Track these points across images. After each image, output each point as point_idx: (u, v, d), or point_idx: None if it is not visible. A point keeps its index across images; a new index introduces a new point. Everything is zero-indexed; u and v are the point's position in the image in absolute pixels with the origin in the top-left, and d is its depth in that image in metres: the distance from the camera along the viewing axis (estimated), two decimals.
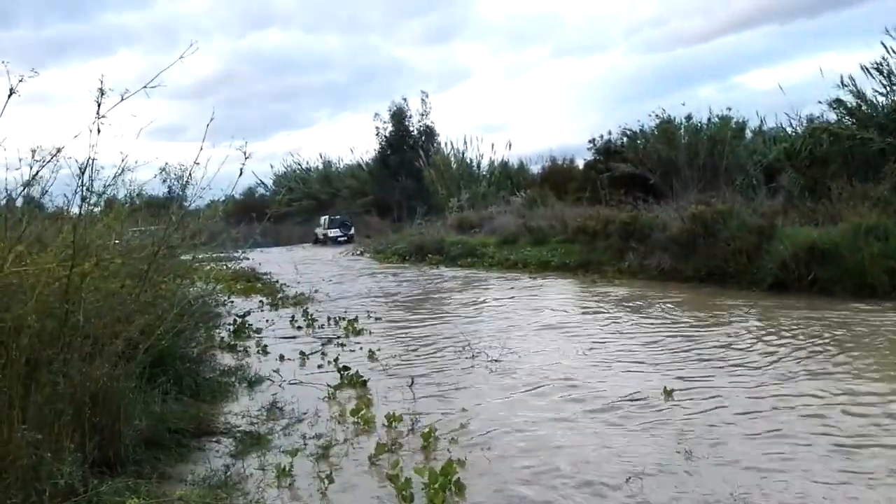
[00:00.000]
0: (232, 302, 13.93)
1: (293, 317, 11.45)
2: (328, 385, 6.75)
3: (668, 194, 21.83)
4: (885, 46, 14.57)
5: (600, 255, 15.46)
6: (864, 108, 15.96)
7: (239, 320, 10.90)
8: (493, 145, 39.10)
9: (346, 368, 7.21)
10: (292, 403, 6.29)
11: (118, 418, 4.56)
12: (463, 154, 36.90)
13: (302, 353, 8.47)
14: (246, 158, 5.18)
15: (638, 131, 27.35)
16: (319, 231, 38.74)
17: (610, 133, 28.03)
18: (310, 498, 4.25)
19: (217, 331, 10.25)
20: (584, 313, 10.77)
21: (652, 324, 9.37)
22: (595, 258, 15.52)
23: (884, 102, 15.54)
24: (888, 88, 15.36)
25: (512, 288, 14.37)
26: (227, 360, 8.47)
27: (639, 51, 74.81)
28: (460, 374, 7.17)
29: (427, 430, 5.05)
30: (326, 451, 4.92)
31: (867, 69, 15.47)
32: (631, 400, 5.89)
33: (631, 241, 14.69)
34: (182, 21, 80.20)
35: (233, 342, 9.46)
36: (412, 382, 6.75)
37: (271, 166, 51.90)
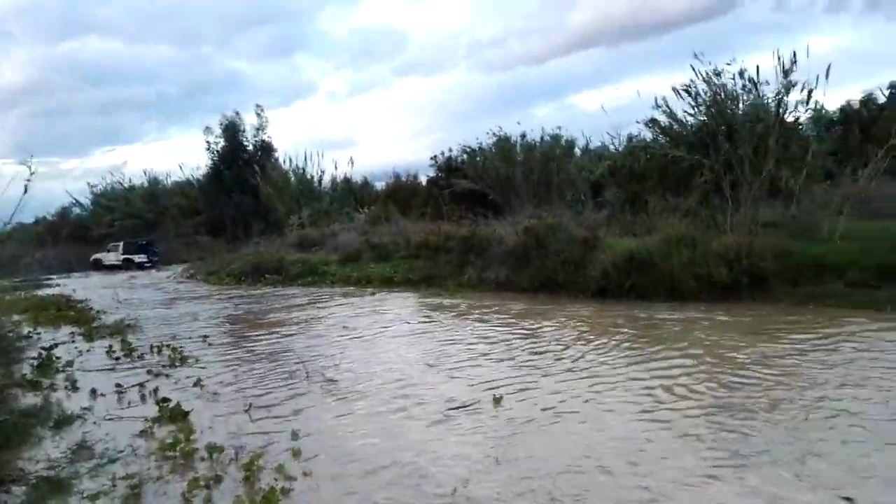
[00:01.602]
0: (38, 333, 12.64)
1: (110, 347, 10.45)
2: (145, 419, 6.17)
3: (506, 209, 22.74)
4: (693, 70, 15.98)
5: (442, 269, 15.68)
6: (675, 127, 17.38)
7: (44, 354, 9.77)
8: (335, 161, 38.72)
9: (165, 400, 6.64)
10: (104, 442, 5.68)
11: None
12: (303, 170, 36.10)
13: (118, 385, 7.70)
14: (31, 174, 4.61)
15: (477, 149, 28.32)
16: (113, 256, 36.20)
17: (451, 150, 28.84)
18: None
19: (17, 366, 9.16)
20: (423, 327, 10.79)
21: (486, 335, 9.56)
22: (437, 273, 15.71)
23: (692, 122, 16.99)
24: (696, 109, 16.82)
25: (352, 305, 14.15)
26: (28, 399, 7.52)
27: (480, 70, 77.73)
28: (294, 397, 6.83)
29: (250, 459, 4.72)
30: (136, 492, 4.44)
31: (678, 91, 16.88)
32: (464, 407, 5.96)
33: (470, 256, 15.03)
34: None
35: (36, 378, 8.43)
36: (249, 407, 6.38)
37: (89, 184, 47.72)
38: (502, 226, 15.71)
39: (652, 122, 17.97)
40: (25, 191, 5.09)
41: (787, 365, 6.77)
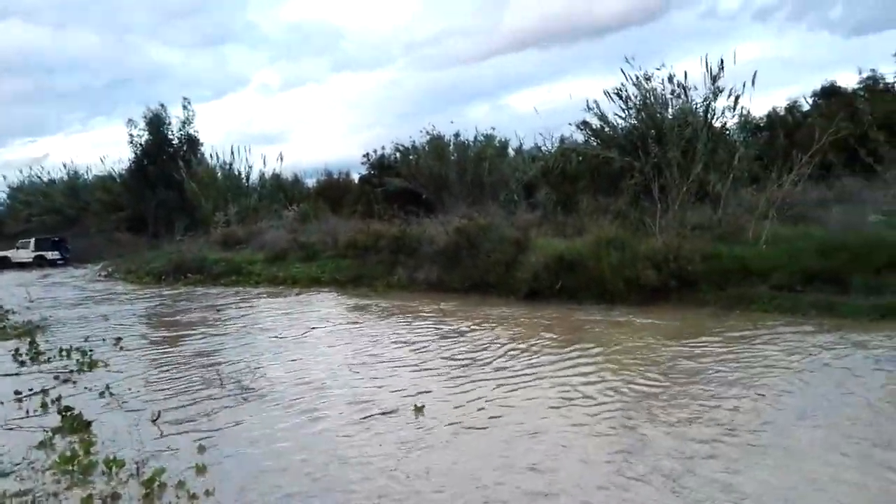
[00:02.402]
0: None
1: (17, 349, 9.78)
2: (44, 430, 5.73)
3: (439, 208, 22.61)
4: (623, 73, 16.20)
5: (371, 269, 15.40)
6: (606, 129, 17.61)
7: None
8: (264, 157, 37.77)
9: (68, 409, 6.20)
10: None
11: None
12: (230, 166, 34.99)
13: (17, 392, 7.16)
14: None
15: (410, 147, 28.12)
16: (23, 253, 34.51)
17: (384, 148, 28.57)
18: None
19: None
20: (347, 330, 10.56)
21: (412, 337, 9.41)
22: (366, 273, 15.42)
23: (623, 125, 17.24)
24: (626, 112, 17.07)
25: (275, 306, 13.77)
26: None
27: (417, 68, 77.47)
28: (206, 406, 6.48)
29: (151, 474, 4.40)
30: None
31: (609, 94, 17.10)
32: (383, 414, 5.84)
33: (401, 255, 14.81)
34: None
35: None
36: (157, 416, 6.02)
37: (3, 177, 45.29)
38: (434, 225, 15.52)
39: (584, 125, 18.17)
40: None
41: (693, 369, 6.84)
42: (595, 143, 17.53)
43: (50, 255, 34.40)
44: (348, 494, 4.24)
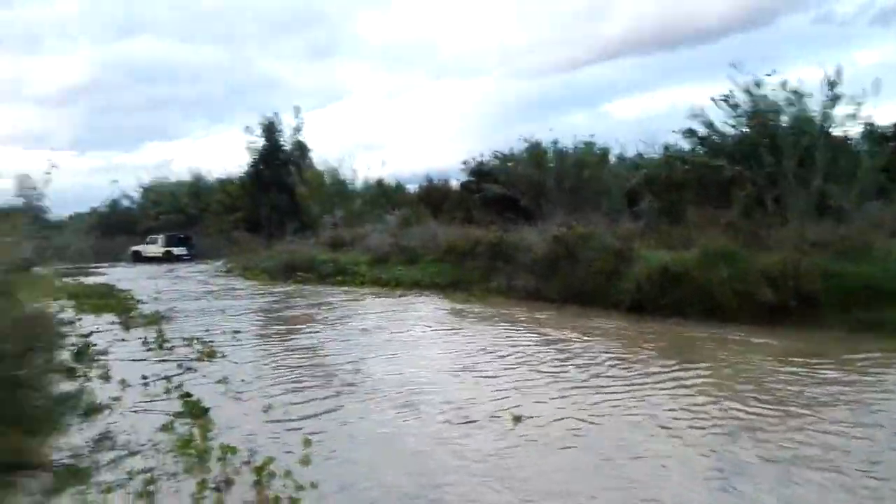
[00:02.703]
0: (80, 320, 12.97)
1: (145, 337, 10.67)
2: (167, 414, 6.27)
3: (538, 215, 22.54)
4: (731, 80, 15.71)
5: (469, 274, 15.60)
6: (714, 137, 17.10)
7: (82, 341, 10.02)
8: (367, 164, 38.91)
9: (188, 395, 6.75)
10: (127, 434, 5.80)
11: None
12: (337, 171, 36.37)
13: (144, 377, 7.85)
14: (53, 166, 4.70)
15: (508, 154, 28.18)
16: (153, 248, 37.06)
17: (482, 155, 28.65)
18: None
19: (57, 352, 9.40)
20: (449, 333, 10.78)
21: (511, 344, 9.47)
22: (464, 278, 15.64)
23: (732, 133, 16.68)
24: (735, 119, 16.51)
25: (379, 306, 14.22)
26: (64, 385, 7.69)
27: (514, 76, 77.38)
28: (312, 399, 6.87)
29: (262, 463, 4.75)
30: (150, 489, 4.51)
31: (717, 101, 16.60)
32: (482, 420, 5.93)
33: (498, 262, 14.91)
34: (46, 24, 75.13)
35: (73, 365, 8.62)
36: (268, 408, 6.44)
37: (137, 178, 49.20)
38: (532, 233, 15.53)
39: (689, 132, 17.73)
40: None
41: (809, 395, 6.54)
42: (702, 151, 17.05)
43: (177, 250, 36.90)
44: (442, 494, 4.41)
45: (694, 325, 10.33)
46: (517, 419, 5.91)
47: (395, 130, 74.38)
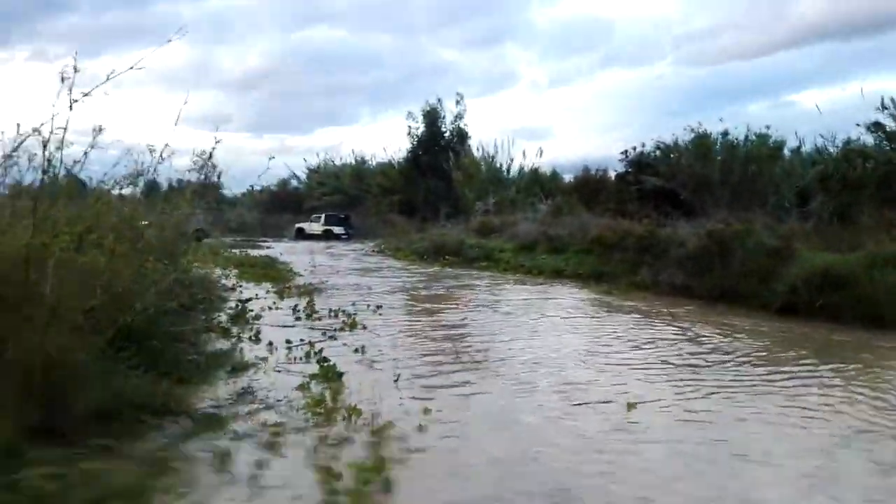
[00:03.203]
0: (241, 287, 14.18)
1: (295, 306, 11.47)
2: (304, 376, 6.72)
3: (699, 210, 21.39)
4: None
5: (615, 267, 15.24)
6: None
7: (240, 306, 10.95)
8: (524, 151, 38.87)
9: (325, 360, 7.18)
10: (267, 391, 6.26)
11: (68, 389, 4.56)
12: (493, 158, 36.73)
13: (288, 342, 8.42)
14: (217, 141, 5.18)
15: (672, 145, 26.87)
16: (315, 226, 39.32)
17: (643, 145, 27.50)
18: (240, 484, 4.19)
19: (217, 314, 10.36)
20: (585, 322, 10.66)
21: (649, 338, 9.17)
22: (609, 270, 15.31)
23: None
24: None
25: (519, 292, 14.30)
26: (219, 344, 8.49)
27: (688, 63, 73.84)
28: (444, 373, 7.10)
29: (381, 426, 4.98)
30: (276, 440, 4.87)
31: None
32: (598, 403, 5.88)
33: (647, 256, 14.41)
34: (234, 14, 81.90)
35: (228, 326, 9.46)
36: (398, 378, 6.72)
37: (304, 160, 52.63)
38: (686, 227, 14.85)
39: (875, 126, 16.12)
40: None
41: None
42: (888, 148, 15.43)
43: (336, 229, 39.23)
44: (538, 467, 4.46)
45: (848, 330, 9.53)
46: (632, 405, 5.78)
47: (558, 118, 73.83)
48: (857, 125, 16.80)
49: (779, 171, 23.82)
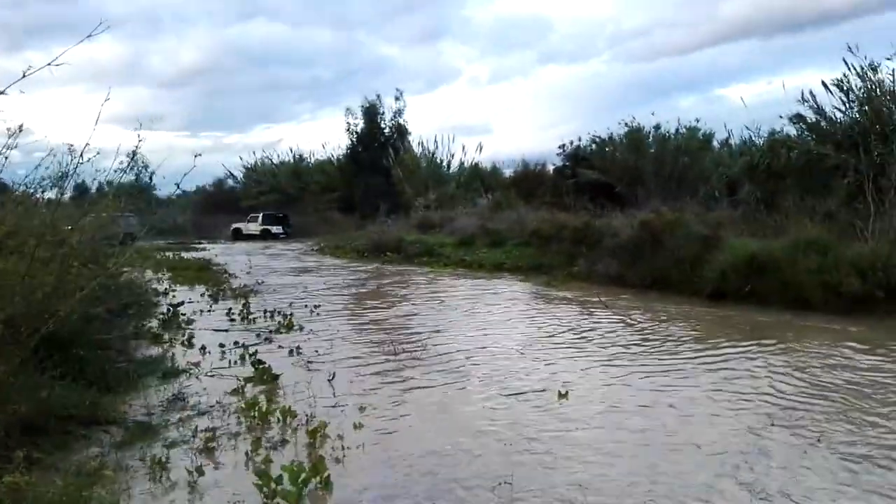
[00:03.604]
0: (174, 291, 13.81)
1: (230, 309, 11.24)
2: (237, 378, 6.60)
3: (632, 202, 21.92)
4: (846, 63, 14.72)
5: (552, 258, 15.48)
6: (823, 124, 16.09)
7: (172, 310, 10.67)
8: (463, 147, 39.00)
9: (260, 362, 7.06)
10: (199, 396, 6.17)
11: None
12: (433, 154, 36.75)
13: (221, 345, 8.26)
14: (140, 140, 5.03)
15: (607, 139, 27.46)
16: (252, 226, 38.83)
17: (580, 139, 28.06)
18: (177, 491, 4.11)
19: (148, 320, 10.07)
20: (522, 313, 10.79)
21: (582, 326, 9.34)
22: (547, 262, 15.54)
23: (842, 119, 15.64)
24: (847, 105, 15.47)
25: (458, 287, 14.40)
26: (150, 350, 8.27)
27: (622, 60, 75.52)
28: (376, 371, 7.07)
29: (316, 426, 4.94)
30: (210, 445, 4.78)
31: (828, 85, 15.59)
32: (530, 393, 5.99)
33: (582, 247, 14.68)
34: (166, 9, 79.56)
35: (160, 332, 9.22)
36: (332, 377, 6.67)
37: (240, 158, 51.59)
38: (620, 218, 15.20)
39: (797, 118, 16.74)
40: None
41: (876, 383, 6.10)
42: (809, 138, 16.08)
43: (274, 229, 38.63)
44: (470, 457, 4.53)
45: (775, 313, 9.88)
46: (563, 394, 5.88)
47: (498, 114, 74.42)
48: (781, 117, 17.42)
49: (709, 162, 24.59)
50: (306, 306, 11.52)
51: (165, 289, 14.01)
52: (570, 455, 4.56)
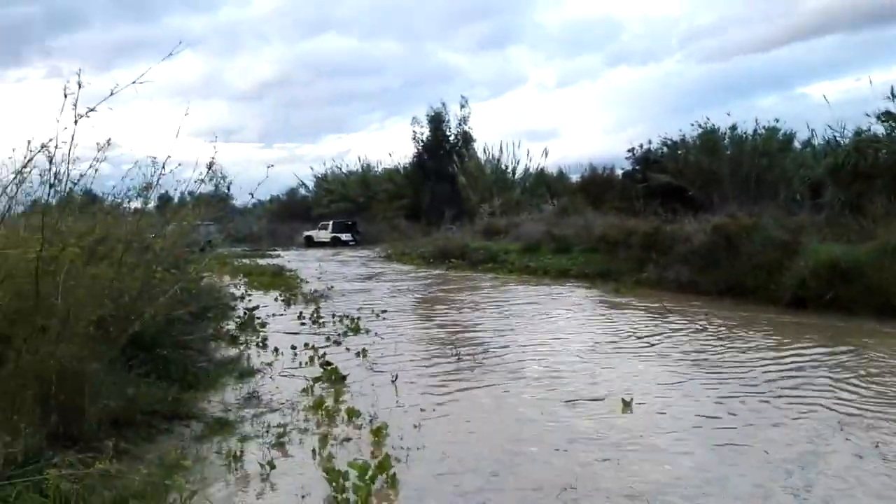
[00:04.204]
0: (249, 295, 14.31)
1: (301, 313, 11.58)
2: (307, 378, 6.80)
3: (708, 206, 21.24)
4: None
5: (620, 265, 15.19)
6: None
7: (248, 313, 11.05)
8: (528, 152, 38.74)
9: (328, 363, 7.27)
10: (272, 394, 6.42)
11: (83, 397, 4.66)
12: (498, 160, 36.76)
13: (293, 347, 8.54)
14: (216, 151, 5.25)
15: (679, 141, 26.72)
16: (323, 234, 39.59)
17: (650, 142, 27.38)
18: (250, 483, 4.30)
19: (226, 322, 10.48)
20: (587, 319, 10.69)
21: (649, 332, 9.16)
22: (615, 268, 15.26)
23: None
24: None
25: (522, 293, 14.33)
26: (227, 351, 8.60)
27: (696, 59, 73.66)
28: (437, 374, 7.18)
29: (379, 426, 5.07)
30: (281, 441, 4.97)
31: None
32: (591, 401, 5.94)
33: (652, 253, 14.37)
34: (244, 26, 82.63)
35: (236, 334, 9.57)
36: (395, 378, 6.83)
37: (311, 168, 52.89)
38: (692, 223, 14.79)
39: (886, 115, 15.96)
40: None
41: None
42: None
43: (344, 236, 39.42)
44: (524, 461, 4.55)
45: (857, 321, 9.45)
46: (626, 403, 5.78)
47: (565, 119, 73.86)
48: (868, 115, 16.60)
49: (790, 163, 23.60)
50: (373, 311, 11.72)
51: (242, 293, 14.53)
52: (633, 461, 4.53)
